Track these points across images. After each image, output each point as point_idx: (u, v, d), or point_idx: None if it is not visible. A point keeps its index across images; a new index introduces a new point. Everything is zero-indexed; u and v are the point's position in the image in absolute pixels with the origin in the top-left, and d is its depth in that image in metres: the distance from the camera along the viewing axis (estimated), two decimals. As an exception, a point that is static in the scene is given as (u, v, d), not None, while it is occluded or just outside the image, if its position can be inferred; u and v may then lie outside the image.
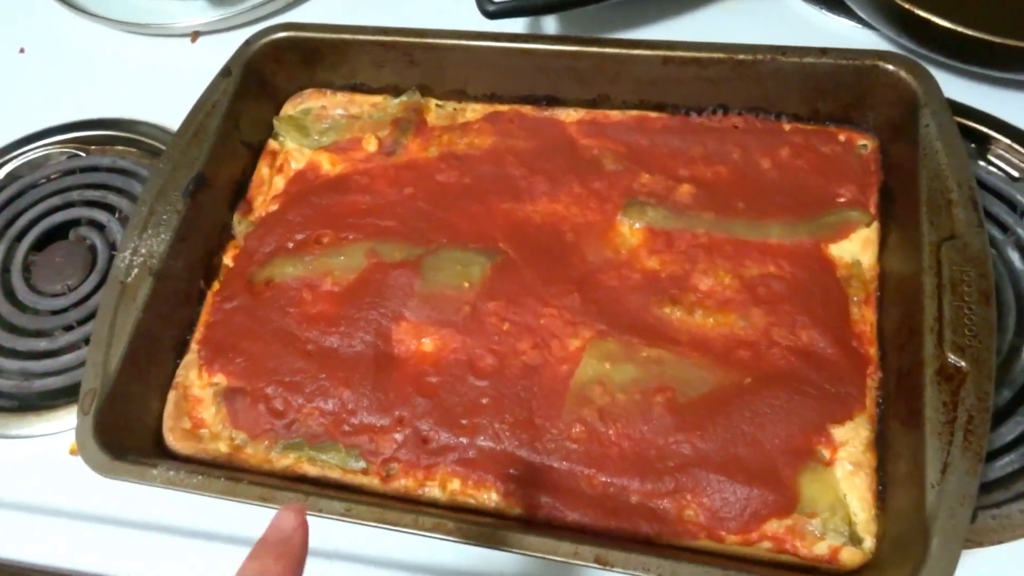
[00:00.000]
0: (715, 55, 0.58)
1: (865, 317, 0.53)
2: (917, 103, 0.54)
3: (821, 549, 0.47)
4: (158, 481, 0.50)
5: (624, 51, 0.60)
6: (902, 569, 0.43)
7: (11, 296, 0.64)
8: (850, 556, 0.46)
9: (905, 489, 0.45)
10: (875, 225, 0.55)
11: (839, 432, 0.49)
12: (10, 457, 0.60)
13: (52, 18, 0.78)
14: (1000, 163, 0.61)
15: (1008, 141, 0.61)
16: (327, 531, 0.51)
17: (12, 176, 0.71)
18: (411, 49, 0.64)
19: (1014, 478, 0.50)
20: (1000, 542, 0.49)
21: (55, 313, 0.63)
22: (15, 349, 0.62)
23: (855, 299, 0.53)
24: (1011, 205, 0.58)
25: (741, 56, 0.58)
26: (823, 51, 0.57)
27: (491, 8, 0.63)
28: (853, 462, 0.48)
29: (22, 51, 0.78)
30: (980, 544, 0.49)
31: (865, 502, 0.47)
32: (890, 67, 0.55)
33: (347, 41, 0.65)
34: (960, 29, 0.59)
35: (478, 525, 0.46)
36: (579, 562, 0.44)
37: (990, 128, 0.62)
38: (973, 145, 0.62)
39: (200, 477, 0.50)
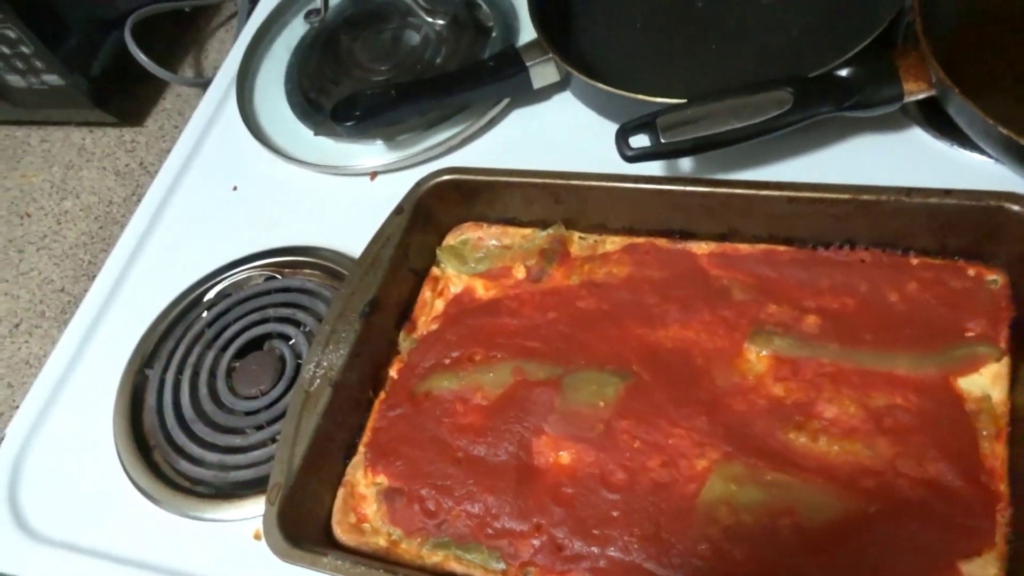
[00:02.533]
0: (839, 196, 0.62)
1: (996, 452, 0.53)
2: (1045, 242, 0.55)
3: None
4: (327, 569, 0.57)
5: (751, 192, 0.65)
6: None
7: (215, 398, 0.75)
8: None
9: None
10: (1006, 360, 0.56)
11: (967, 567, 0.50)
12: (204, 538, 0.70)
13: (259, 161, 0.92)
14: None
15: None
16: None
17: (221, 295, 0.83)
18: (557, 189, 0.72)
19: None
20: None
21: (248, 414, 0.74)
22: (216, 443, 0.72)
23: (985, 433, 0.54)
24: None
25: (865, 197, 0.61)
26: (947, 192, 0.60)
27: (630, 153, 0.70)
28: (982, 601, 0.49)
29: (235, 188, 0.92)
30: None
31: (995, 643, 0.47)
32: (1016, 207, 0.57)
33: (501, 183, 0.74)
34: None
35: (606, 632, 0.50)
36: (700, 676, 0.47)
37: None
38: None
39: (363, 568, 0.57)
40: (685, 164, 0.79)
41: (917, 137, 0.74)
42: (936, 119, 0.73)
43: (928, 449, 0.54)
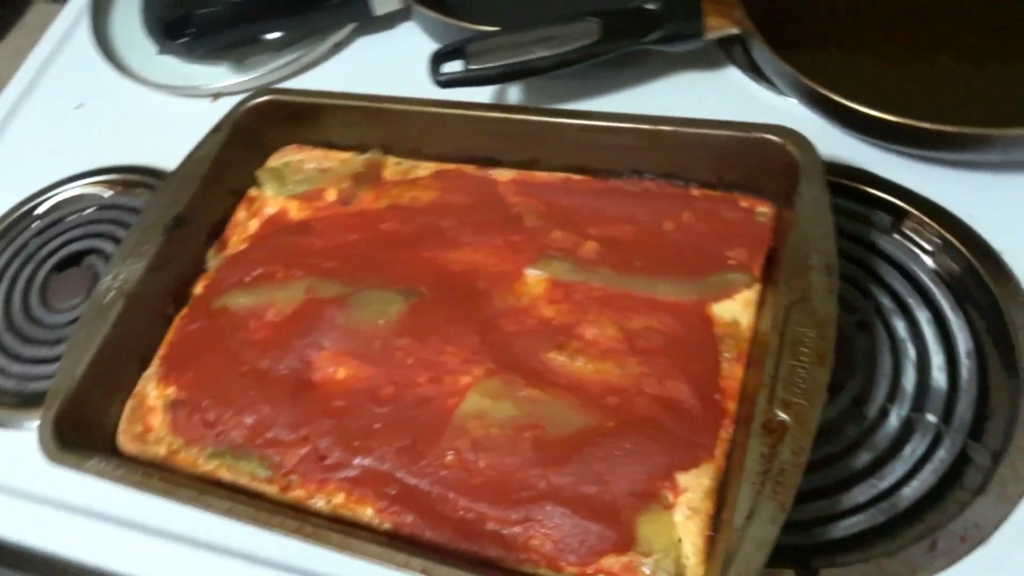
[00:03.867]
0: (625, 125, 0.63)
1: (733, 373, 0.55)
2: (799, 171, 0.57)
3: (651, 587, 0.49)
4: (91, 471, 0.58)
5: (547, 119, 0.66)
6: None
7: (27, 309, 0.75)
8: (677, 596, 0.49)
9: (731, 541, 0.47)
10: (756, 287, 0.58)
11: (683, 479, 0.52)
12: (10, 445, 0.71)
13: (106, 80, 0.91)
14: (913, 235, 0.62)
15: (923, 216, 0.62)
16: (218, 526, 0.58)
17: (52, 209, 0.83)
18: (374, 113, 0.72)
19: (862, 539, 0.51)
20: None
21: (58, 327, 0.74)
22: (21, 354, 0.72)
23: (727, 356, 0.56)
24: (907, 276, 0.59)
25: (647, 126, 0.62)
26: (722, 123, 0.61)
27: (440, 79, 0.70)
28: (691, 507, 0.51)
29: (80, 106, 0.91)
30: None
31: (696, 546, 0.50)
32: (779, 139, 0.58)
33: (321, 104, 0.74)
34: (874, 113, 0.61)
35: (330, 531, 0.51)
36: (408, 572, 0.48)
37: (906, 202, 0.63)
38: (888, 217, 0.63)
39: (123, 471, 0.58)
40: (512, 97, 0.79)
41: (734, 77, 0.75)
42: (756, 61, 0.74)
43: (671, 369, 0.56)
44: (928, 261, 0.60)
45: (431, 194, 0.70)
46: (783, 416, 0.48)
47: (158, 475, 0.58)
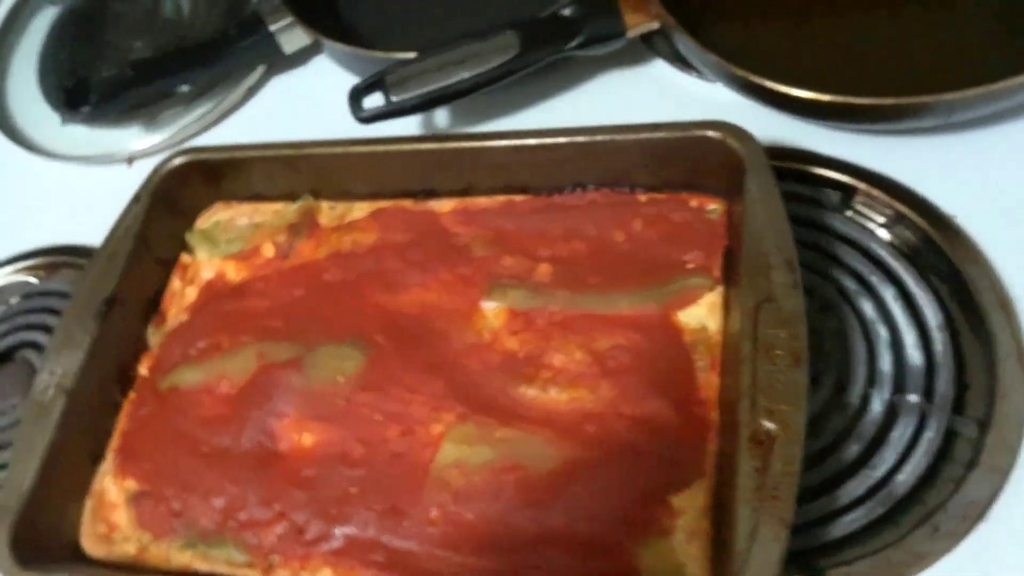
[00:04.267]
0: (558, 140, 0.61)
1: (710, 382, 0.54)
2: (743, 165, 0.55)
3: (660, 619, 0.48)
4: (55, 587, 0.55)
5: (478, 144, 0.63)
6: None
7: (-41, 418, 0.70)
8: (685, 626, 0.47)
9: (728, 557, 0.46)
10: (719, 289, 0.56)
11: (677, 500, 0.50)
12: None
13: (8, 156, 0.86)
14: (865, 210, 0.62)
15: (872, 189, 0.61)
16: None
17: (-32, 306, 0.78)
18: (294, 160, 0.69)
19: (864, 533, 0.50)
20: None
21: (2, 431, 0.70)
22: (-41, 466, 0.68)
23: (701, 364, 0.55)
24: (866, 254, 0.58)
25: (581, 139, 0.60)
26: (656, 126, 0.59)
27: (363, 115, 0.67)
28: (689, 530, 0.49)
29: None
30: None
31: (701, 570, 0.48)
32: (718, 135, 0.57)
33: (241, 159, 0.70)
34: (806, 95, 0.60)
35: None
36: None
37: (853, 177, 0.62)
38: (837, 195, 0.62)
39: (97, 577, 0.55)
40: (441, 120, 0.77)
41: (661, 72, 0.74)
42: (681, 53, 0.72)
43: (646, 386, 0.54)
44: (884, 235, 0.60)
45: (371, 236, 0.67)
46: (769, 425, 0.46)
47: (130, 581, 0.54)
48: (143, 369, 0.67)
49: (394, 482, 0.55)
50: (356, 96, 0.68)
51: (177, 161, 0.70)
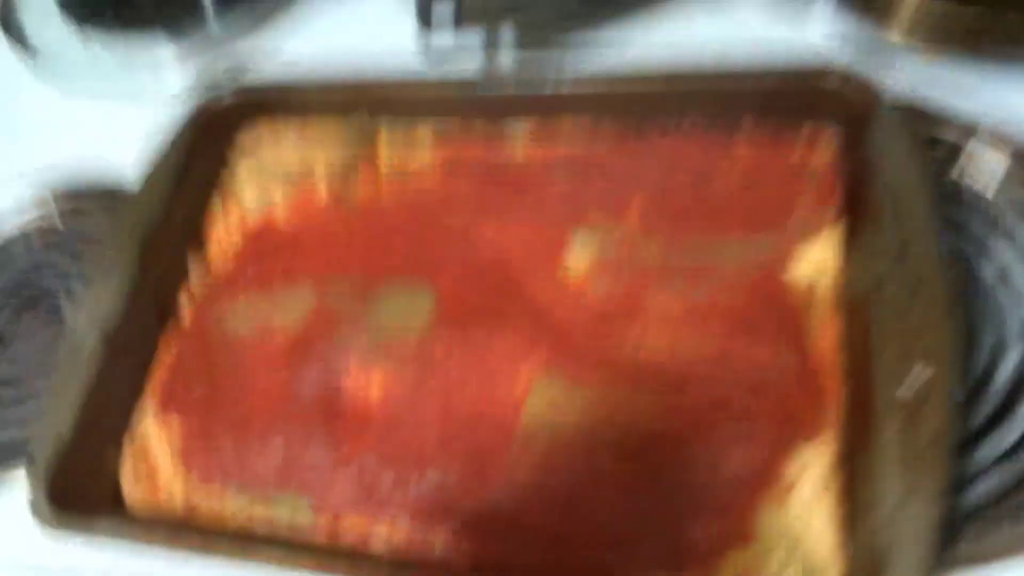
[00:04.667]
0: (661, 76, 0.57)
1: (825, 336, 0.50)
2: (866, 115, 0.51)
3: (783, 584, 0.44)
4: (102, 532, 0.50)
5: (571, 77, 0.59)
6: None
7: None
8: (811, 593, 0.43)
9: (866, 519, 0.42)
10: (832, 239, 0.52)
11: (799, 456, 0.46)
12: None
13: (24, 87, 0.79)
14: (977, 167, 0.57)
15: (985, 144, 0.57)
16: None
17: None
18: (358, 93, 0.64)
19: (996, 498, 0.46)
20: (986, 562, 0.45)
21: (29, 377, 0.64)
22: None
23: (816, 314, 0.50)
24: (983, 215, 0.54)
25: (688, 73, 0.56)
26: (770, 70, 0.55)
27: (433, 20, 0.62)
28: (814, 489, 0.45)
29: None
30: (969, 564, 0.45)
31: (827, 534, 0.44)
32: (835, 83, 0.53)
33: (293, 93, 0.66)
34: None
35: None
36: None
37: (965, 132, 0.58)
38: (945, 150, 0.58)
39: (139, 530, 0.50)
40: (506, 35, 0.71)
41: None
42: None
43: (757, 335, 0.50)
44: (998, 189, 0.56)
45: (436, 176, 0.62)
46: (917, 378, 0.42)
47: (186, 531, 0.49)
48: (186, 308, 0.62)
49: (475, 439, 0.51)
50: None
51: (222, 95, 0.65)
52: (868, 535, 0.42)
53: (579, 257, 0.56)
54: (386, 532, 0.50)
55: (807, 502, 0.45)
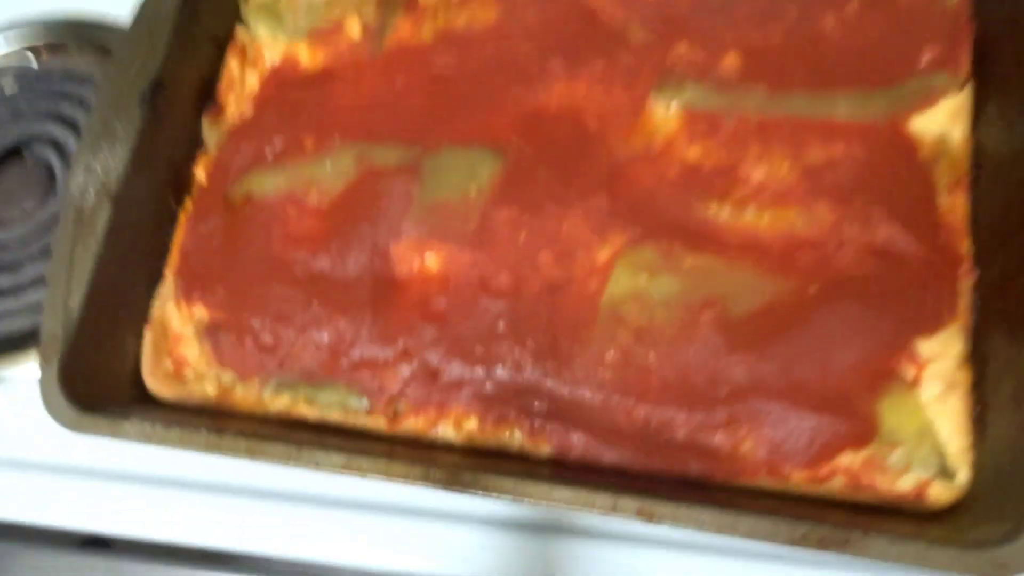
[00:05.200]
0: None
1: (955, 206, 0.44)
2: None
3: (905, 484, 0.40)
4: (132, 436, 0.44)
5: None
6: (1008, 512, 0.35)
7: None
8: (940, 492, 0.39)
9: (1013, 414, 0.38)
10: (968, 91, 0.45)
11: (926, 346, 0.41)
12: (-12, 406, 0.55)
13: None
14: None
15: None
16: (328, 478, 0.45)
17: (-42, 89, 0.62)
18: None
19: None
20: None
21: (16, 246, 0.56)
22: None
23: (943, 183, 0.44)
24: None
25: None
26: None
27: None
28: (944, 381, 0.40)
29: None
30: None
31: (959, 428, 0.40)
32: None
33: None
34: None
35: (499, 475, 0.39)
36: (620, 515, 0.37)
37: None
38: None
39: (179, 429, 0.44)
40: None
41: None
42: None
43: (875, 208, 0.44)
44: None
45: (491, 13, 0.53)
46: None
47: (233, 430, 0.43)
48: (201, 172, 0.54)
49: (553, 317, 0.45)
50: None
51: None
52: (1012, 436, 0.37)
53: (666, 113, 0.48)
54: (453, 425, 0.44)
55: (933, 399, 0.40)
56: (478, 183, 0.48)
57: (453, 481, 0.39)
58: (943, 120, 0.45)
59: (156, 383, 0.49)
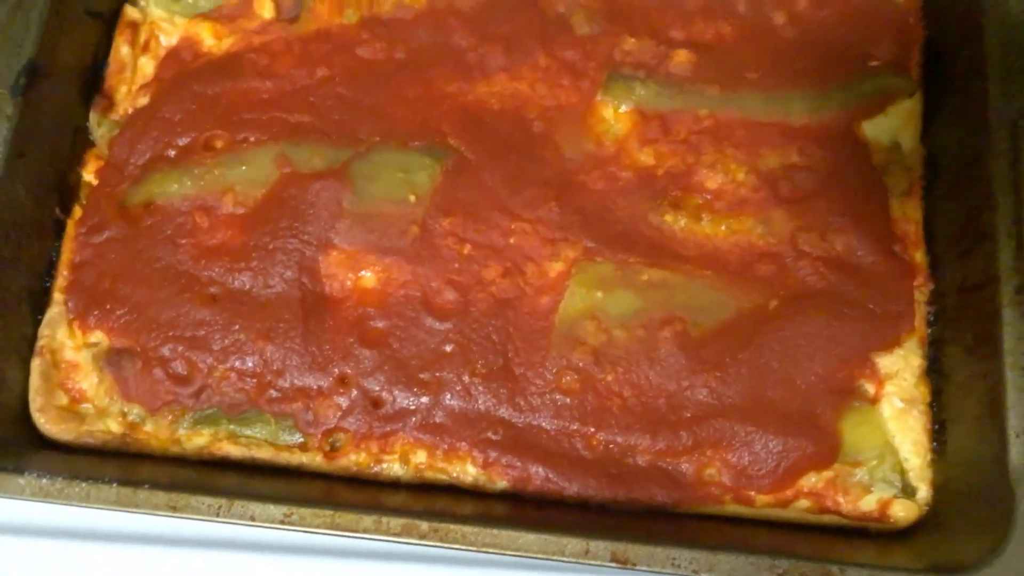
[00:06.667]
0: None
1: (908, 214, 0.43)
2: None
3: (869, 504, 0.39)
4: (27, 494, 0.38)
5: None
6: (979, 532, 0.35)
7: None
8: (903, 510, 0.39)
9: (975, 432, 0.38)
10: (918, 96, 0.44)
11: (886, 362, 0.41)
12: None
13: None
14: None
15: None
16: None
17: None
18: None
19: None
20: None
21: None
22: None
23: (896, 190, 0.43)
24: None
25: None
26: None
27: None
28: (904, 398, 0.40)
29: None
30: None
31: (919, 445, 0.40)
32: None
33: None
34: None
35: (459, 522, 0.36)
36: (593, 563, 0.35)
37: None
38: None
39: (85, 485, 0.38)
40: None
41: None
42: None
43: (833, 217, 0.43)
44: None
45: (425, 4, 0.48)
46: None
47: (149, 481, 0.38)
48: (88, 174, 0.47)
49: (503, 337, 0.42)
50: None
51: None
52: (975, 453, 0.37)
53: (615, 114, 0.45)
54: (399, 459, 0.41)
55: (893, 416, 0.40)
56: (416, 189, 0.44)
57: (410, 531, 0.36)
58: (894, 124, 0.44)
59: (48, 421, 0.43)
